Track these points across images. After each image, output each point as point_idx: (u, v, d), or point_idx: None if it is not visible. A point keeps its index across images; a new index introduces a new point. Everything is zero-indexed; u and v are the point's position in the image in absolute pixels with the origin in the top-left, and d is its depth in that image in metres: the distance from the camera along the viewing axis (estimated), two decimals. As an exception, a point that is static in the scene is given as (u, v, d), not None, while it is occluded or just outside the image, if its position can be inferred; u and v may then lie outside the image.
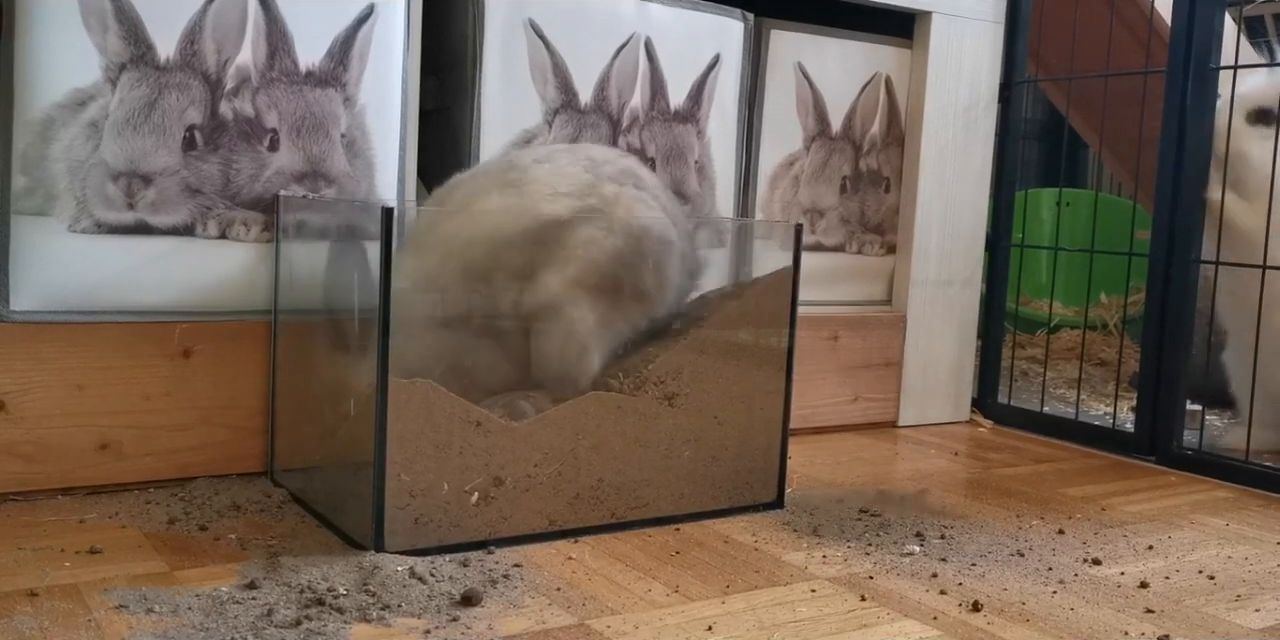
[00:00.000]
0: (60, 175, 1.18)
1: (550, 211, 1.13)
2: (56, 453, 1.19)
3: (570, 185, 1.14)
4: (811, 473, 1.48)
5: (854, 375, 1.76)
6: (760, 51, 1.65)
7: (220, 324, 1.26)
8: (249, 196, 1.27)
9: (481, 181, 1.18)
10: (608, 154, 1.22)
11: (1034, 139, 3.06)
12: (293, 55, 1.28)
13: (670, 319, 1.23)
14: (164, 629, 0.86)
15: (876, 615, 0.98)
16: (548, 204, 1.13)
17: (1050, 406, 1.88)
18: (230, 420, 1.27)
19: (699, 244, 1.24)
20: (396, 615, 0.91)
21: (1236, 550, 1.22)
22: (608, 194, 1.15)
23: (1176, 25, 1.62)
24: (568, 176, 1.15)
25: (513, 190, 1.15)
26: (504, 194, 1.15)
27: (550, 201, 1.13)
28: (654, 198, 1.19)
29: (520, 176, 1.16)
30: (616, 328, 1.17)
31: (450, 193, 1.21)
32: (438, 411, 1.06)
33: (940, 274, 1.83)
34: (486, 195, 1.16)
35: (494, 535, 1.10)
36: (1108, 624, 0.98)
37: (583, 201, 1.14)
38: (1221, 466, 1.55)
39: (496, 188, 1.16)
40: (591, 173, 1.16)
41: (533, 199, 1.13)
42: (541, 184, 1.15)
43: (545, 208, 1.13)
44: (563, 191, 1.14)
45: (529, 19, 1.42)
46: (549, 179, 1.15)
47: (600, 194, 1.15)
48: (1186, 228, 1.61)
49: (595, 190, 1.15)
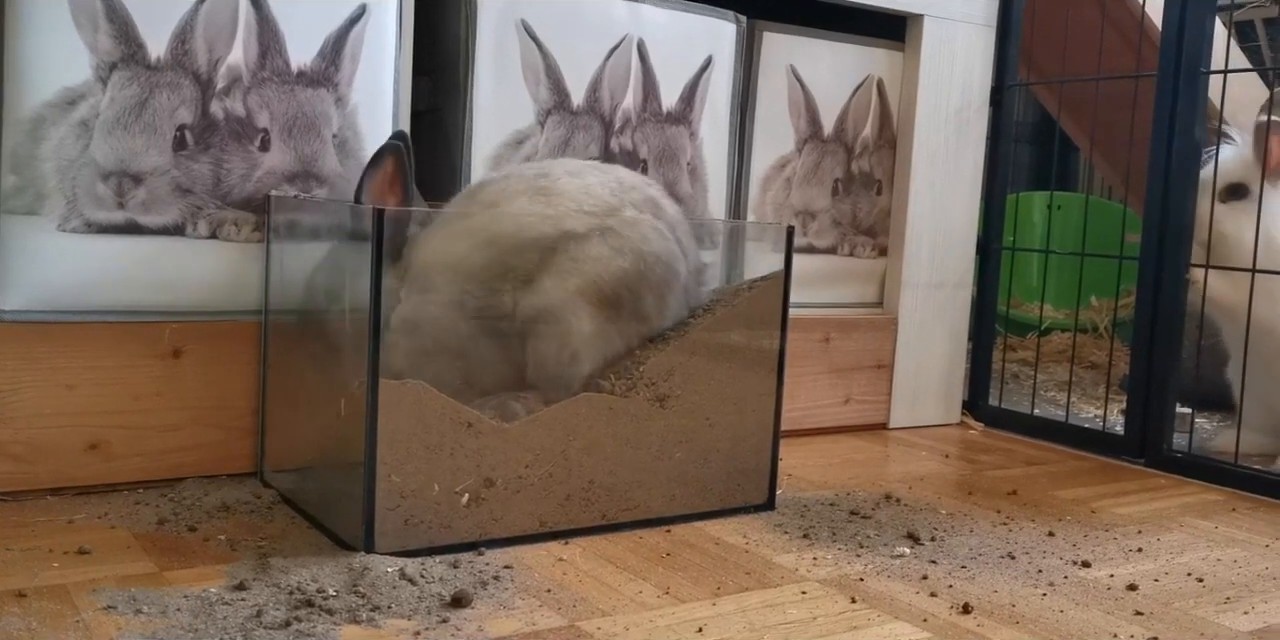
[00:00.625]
0: (50, 174, 1.17)
1: (570, 226, 1.16)
2: (46, 453, 1.18)
3: (595, 205, 1.17)
4: (802, 474, 1.48)
5: (845, 377, 1.76)
6: (752, 53, 1.65)
7: (211, 324, 1.26)
8: (240, 196, 1.27)
9: (514, 184, 1.20)
10: (635, 180, 1.25)
11: (1025, 142, 3.07)
12: (284, 55, 1.27)
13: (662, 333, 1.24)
14: (153, 630, 0.86)
15: (867, 617, 0.98)
16: (571, 219, 1.16)
17: (1041, 409, 1.88)
18: (220, 420, 1.27)
19: (705, 280, 1.27)
20: (386, 617, 0.91)
21: (1225, 553, 1.22)
22: (627, 219, 1.18)
23: (1167, 29, 1.62)
24: (594, 196, 1.18)
25: (541, 197, 1.17)
26: (533, 200, 1.17)
27: (574, 218, 1.16)
28: (670, 229, 1.21)
29: (551, 185, 1.18)
30: (610, 340, 1.18)
31: (480, 189, 1.23)
32: (429, 412, 1.06)
33: (932, 276, 1.83)
34: (516, 197, 1.18)
35: (485, 536, 1.10)
36: (1097, 626, 0.98)
37: (602, 222, 1.17)
38: (1211, 469, 1.55)
39: (527, 193, 1.18)
40: (617, 197, 1.19)
41: (558, 210, 1.16)
42: (568, 198, 1.17)
43: (568, 222, 1.16)
44: (587, 210, 1.17)
45: (521, 20, 1.42)
46: (576, 195, 1.18)
47: (620, 218, 1.17)
48: (1177, 231, 1.61)
49: (616, 214, 1.18)
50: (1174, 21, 1.61)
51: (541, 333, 1.16)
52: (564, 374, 1.17)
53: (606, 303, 1.16)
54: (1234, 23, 2.47)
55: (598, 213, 1.17)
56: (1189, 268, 1.60)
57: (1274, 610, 1.05)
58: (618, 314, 1.17)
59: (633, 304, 1.18)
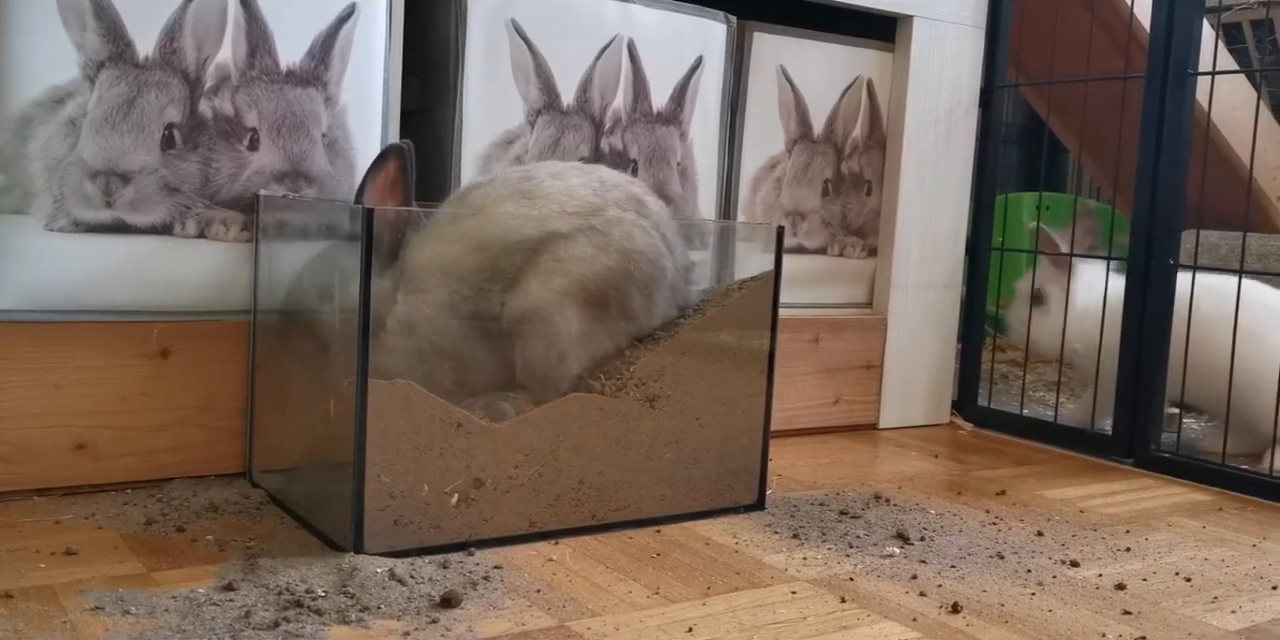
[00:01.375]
0: (37, 173, 1.17)
1: (554, 226, 1.16)
2: (33, 453, 1.18)
3: (578, 205, 1.18)
4: (792, 474, 1.48)
5: (835, 377, 1.76)
6: (743, 54, 1.66)
7: (199, 324, 1.25)
8: (228, 196, 1.26)
9: (499, 188, 1.21)
10: (618, 179, 1.25)
11: (1014, 143, 3.08)
12: (273, 54, 1.27)
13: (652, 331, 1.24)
14: (140, 631, 0.86)
15: (857, 617, 0.98)
16: (554, 220, 1.16)
17: (1030, 409, 1.89)
18: (208, 421, 1.27)
19: (693, 278, 1.27)
20: (376, 617, 0.91)
21: (1213, 552, 1.23)
22: (610, 217, 1.18)
23: (1155, 31, 1.63)
24: (576, 197, 1.19)
25: (526, 200, 1.18)
26: (518, 204, 1.17)
27: (558, 219, 1.17)
28: (655, 226, 1.22)
29: (535, 188, 1.19)
30: (598, 339, 1.18)
31: (469, 193, 1.23)
32: (418, 412, 1.06)
33: (921, 277, 1.83)
34: (502, 201, 1.18)
35: (474, 537, 1.10)
36: (1085, 625, 0.99)
37: (586, 222, 1.17)
38: (1198, 469, 1.56)
39: (512, 196, 1.19)
40: (600, 196, 1.20)
41: (541, 212, 1.17)
42: (551, 200, 1.18)
43: (551, 222, 1.16)
44: (570, 211, 1.17)
45: (511, 20, 1.42)
46: (559, 197, 1.18)
47: (604, 217, 1.18)
48: (1165, 232, 1.62)
49: (599, 213, 1.18)
50: (1162, 23, 1.62)
51: (529, 334, 1.16)
52: (552, 374, 1.17)
53: (593, 302, 1.16)
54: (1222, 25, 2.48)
55: (581, 213, 1.17)
56: (1176, 268, 1.61)
57: (1261, 609, 1.05)
58: (604, 313, 1.17)
59: (620, 302, 1.18)
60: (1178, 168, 1.61)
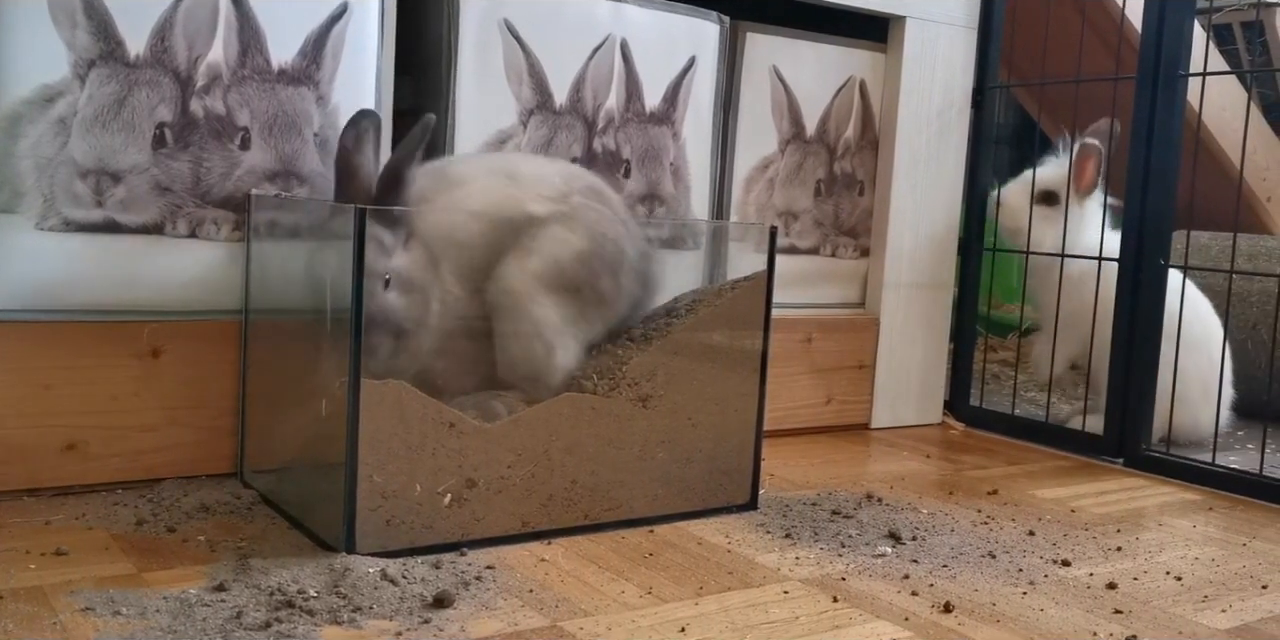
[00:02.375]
0: (27, 172, 1.16)
1: (533, 209, 1.20)
2: (22, 453, 1.17)
3: (550, 190, 1.22)
4: (784, 474, 1.48)
5: (827, 377, 1.76)
6: (736, 54, 1.66)
7: (190, 323, 1.25)
8: (220, 195, 1.26)
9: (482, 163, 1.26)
10: (578, 170, 1.34)
11: (1006, 143, 3.08)
12: (265, 53, 1.27)
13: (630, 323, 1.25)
14: (131, 632, 0.85)
15: (849, 616, 0.98)
16: (534, 203, 1.20)
17: (1021, 409, 1.89)
18: (199, 421, 1.26)
19: (654, 260, 1.30)
20: (368, 617, 0.91)
21: (1203, 552, 1.23)
22: (575, 203, 1.22)
23: (1146, 32, 1.64)
24: (549, 183, 1.23)
25: (510, 180, 1.22)
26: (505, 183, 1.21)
27: (535, 202, 1.20)
28: (614, 213, 1.26)
29: (514, 170, 1.24)
30: (579, 327, 1.20)
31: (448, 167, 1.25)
32: (410, 412, 1.06)
33: (913, 277, 1.84)
34: (488, 177, 1.22)
35: (466, 537, 1.10)
36: (1077, 624, 0.99)
37: (557, 207, 1.20)
38: (1188, 469, 1.57)
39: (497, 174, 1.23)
40: (568, 184, 1.24)
41: (525, 193, 1.21)
42: (528, 185, 1.22)
43: (531, 205, 1.20)
44: (545, 195, 1.21)
45: (504, 20, 1.42)
46: (533, 182, 1.22)
47: (570, 203, 1.22)
48: (1155, 232, 1.62)
49: (567, 200, 1.22)
50: (1153, 24, 1.63)
51: (511, 333, 1.17)
52: (545, 368, 1.17)
53: (567, 287, 1.18)
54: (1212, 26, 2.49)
55: (553, 198, 1.21)
56: (1167, 268, 1.61)
57: (1251, 608, 1.06)
58: (579, 297, 1.19)
59: (591, 284, 1.20)
60: (1168, 169, 1.62)
